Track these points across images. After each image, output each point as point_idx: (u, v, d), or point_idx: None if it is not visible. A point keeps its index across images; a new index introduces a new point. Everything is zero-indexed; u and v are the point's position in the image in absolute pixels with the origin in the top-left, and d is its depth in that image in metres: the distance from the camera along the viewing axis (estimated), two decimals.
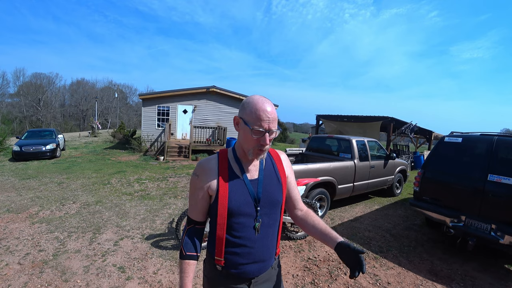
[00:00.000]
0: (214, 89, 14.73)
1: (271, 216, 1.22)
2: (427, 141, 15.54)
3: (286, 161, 1.35)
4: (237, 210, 1.15)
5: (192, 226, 1.26)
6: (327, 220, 5.00)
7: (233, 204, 1.15)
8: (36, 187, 6.59)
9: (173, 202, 5.67)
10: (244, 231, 1.17)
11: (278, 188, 1.24)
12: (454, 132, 4.35)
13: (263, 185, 1.21)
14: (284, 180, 1.28)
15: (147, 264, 3.26)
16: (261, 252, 1.20)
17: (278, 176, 1.26)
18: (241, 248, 1.17)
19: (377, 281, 3.13)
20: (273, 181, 1.24)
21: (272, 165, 1.28)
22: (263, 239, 1.20)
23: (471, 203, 3.56)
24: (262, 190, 1.20)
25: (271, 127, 1.12)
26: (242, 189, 1.18)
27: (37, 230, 4.12)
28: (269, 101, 1.15)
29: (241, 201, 1.16)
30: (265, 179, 1.22)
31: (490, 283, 3.19)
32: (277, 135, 1.18)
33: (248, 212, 1.17)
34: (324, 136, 7.03)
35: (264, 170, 1.24)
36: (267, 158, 1.29)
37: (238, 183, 1.18)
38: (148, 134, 14.35)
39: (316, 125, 15.20)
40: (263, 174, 1.23)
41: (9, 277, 2.90)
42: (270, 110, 1.11)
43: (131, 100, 58.83)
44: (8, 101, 44.46)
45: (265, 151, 1.17)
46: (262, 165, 1.25)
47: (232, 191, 1.16)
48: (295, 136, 45.97)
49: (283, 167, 1.30)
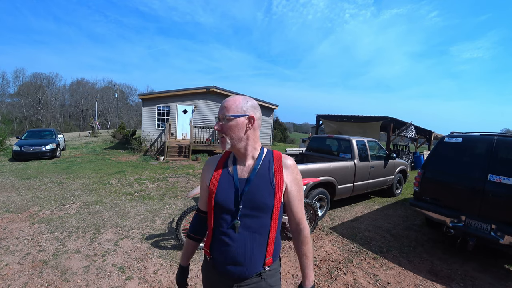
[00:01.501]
0: (214, 89, 14.73)
1: (256, 219, 1.18)
2: (427, 141, 15.55)
3: (291, 169, 1.24)
4: (221, 205, 1.20)
5: (197, 212, 1.38)
6: (327, 220, 5.00)
7: (218, 199, 1.20)
8: (36, 187, 6.59)
9: (173, 202, 5.67)
10: (225, 228, 1.19)
11: (267, 192, 1.18)
12: (454, 132, 4.35)
13: (250, 185, 1.19)
14: (280, 186, 1.20)
15: (147, 264, 3.26)
16: (240, 254, 1.17)
17: (272, 180, 1.20)
18: (221, 244, 1.20)
19: (377, 281, 3.13)
20: (263, 184, 1.19)
21: (268, 168, 1.23)
22: (244, 240, 1.17)
23: (471, 203, 3.56)
24: (247, 189, 1.18)
25: (219, 114, 1.21)
26: (229, 186, 1.21)
27: (37, 230, 4.12)
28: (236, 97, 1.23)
29: (225, 197, 1.20)
30: (254, 180, 1.20)
31: (490, 283, 3.19)
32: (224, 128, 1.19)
33: (231, 208, 1.19)
34: (324, 136, 7.03)
35: (257, 171, 1.22)
36: (265, 160, 1.25)
37: (227, 180, 1.23)
38: (148, 134, 14.35)
39: (316, 125, 15.19)
40: (254, 175, 1.21)
41: (9, 277, 2.90)
42: (225, 102, 1.21)
43: (131, 100, 58.90)
44: (8, 101, 44.51)
45: (222, 139, 1.21)
46: (257, 166, 1.23)
47: (220, 186, 1.22)
48: (295, 136, 45.98)
49: (281, 173, 1.22)
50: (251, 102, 1.23)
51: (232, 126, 1.18)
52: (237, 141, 1.20)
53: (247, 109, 1.20)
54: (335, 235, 4.36)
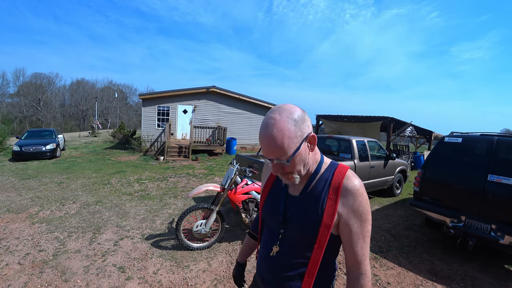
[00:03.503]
0: (214, 89, 14.73)
1: (298, 248, 0.99)
2: (427, 141, 15.55)
3: (352, 196, 0.93)
4: (266, 217, 1.11)
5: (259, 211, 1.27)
6: None
7: (264, 212, 1.11)
8: (36, 187, 6.59)
9: (173, 202, 5.67)
10: (266, 240, 1.10)
11: (312, 219, 0.95)
12: (454, 132, 4.35)
13: (297, 206, 1.00)
14: (330, 215, 0.93)
15: (147, 264, 3.26)
16: (270, 278, 1.06)
17: (322, 207, 0.94)
18: (262, 254, 1.12)
19: (377, 281, 3.13)
20: (309, 208, 0.97)
21: (323, 189, 0.97)
22: (277, 266, 1.03)
23: (471, 203, 3.56)
24: (295, 210, 0.99)
25: (270, 157, 0.91)
26: (275, 200, 1.06)
27: (37, 230, 4.12)
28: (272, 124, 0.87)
29: (270, 212, 1.07)
30: (303, 201, 0.99)
31: (490, 283, 3.19)
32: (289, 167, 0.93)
33: (272, 226, 1.06)
34: (324, 136, 7.03)
35: (308, 191, 0.99)
36: (321, 178, 0.99)
37: (278, 191, 1.07)
38: (148, 134, 14.35)
39: (316, 125, 15.19)
40: (304, 194, 1.00)
41: (9, 277, 2.90)
42: (264, 139, 0.88)
43: (131, 100, 58.93)
44: (8, 101, 44.53)
45: (287, 178, 0.97)
46: (310, 183, 0.99)
47: (269, 196, 1.10)
48: None
49: (338, 198, 0.94)
50: (297, 114, 0.89)
51: (296, 161, 0.92)
52: (304, 169, 0.97)
53: (302, 128, 0.90)
54: None
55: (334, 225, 0.94)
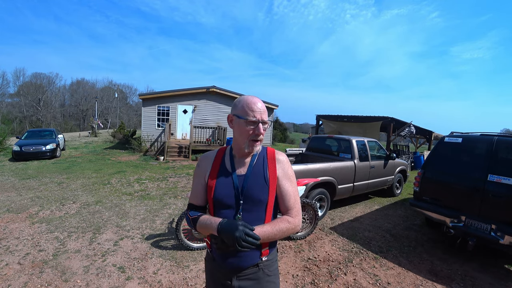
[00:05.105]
0: (214, 89, 14.73)
1: (253, 214, 1.24)
2: (427, 141, 15.54)
3: (283, 164, 1.31)
4: (220, 201, 1.25)
5: (189, 211, 1.35)
6: (327, 220, 5.00)
7: (217, 196, 1.25)
8: (36, 187, 6.59)
9: (173, 202, 5.67)
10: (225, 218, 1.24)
11: (262, 187, 1.24)
12: (454, 132, 4.35)
13: (248, 181, 1.25)
14: (273, 181, 1.26)
15: (147, 264, 3.26)
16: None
17: (266, 176, 1.26)
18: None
19: (377, 281, 3.13)
20: (258, 179, 1.25)
21: (263, 164, 1.29)
22: None
23: (471, 203, 3.56)
24: (247, 185, 1.24)
25: (263, 117, 1.23)
26: (228, 182, 1.26)
27: (37, 230, 4.12)
28: (258, 98, 1.28)
29: (224, 194, 1.24)
30: (251, 176, 1.26)
31: (490, 283, 3.19)
32: (269, 126, 1.25)
33: (230, 204, 1.24)
34: (324, 136, 7.02)
35: (253, 167, 1.28)
36: (259, 156, 1.31)
37: (225, 176, 1.27)
38: (148, 134, 14.35)
39: (316, 125, 15.19)
40: (251, 171, 1.27)
41: (9, 277, 2.90)
42: (260, 104, 1.25)
43: (131, 100, 58.90)
44: (8, 101, 44.50)
45: (260, 142, 1.26)
46: (252, 162, 1.29)
47: (219, 183, 1.26)
48: (295, 136, 45.97)
49: (275, 168, 1.28)
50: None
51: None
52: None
53: None
54: (335, 235, 4.36)
55: (277, 186, 1.26)
